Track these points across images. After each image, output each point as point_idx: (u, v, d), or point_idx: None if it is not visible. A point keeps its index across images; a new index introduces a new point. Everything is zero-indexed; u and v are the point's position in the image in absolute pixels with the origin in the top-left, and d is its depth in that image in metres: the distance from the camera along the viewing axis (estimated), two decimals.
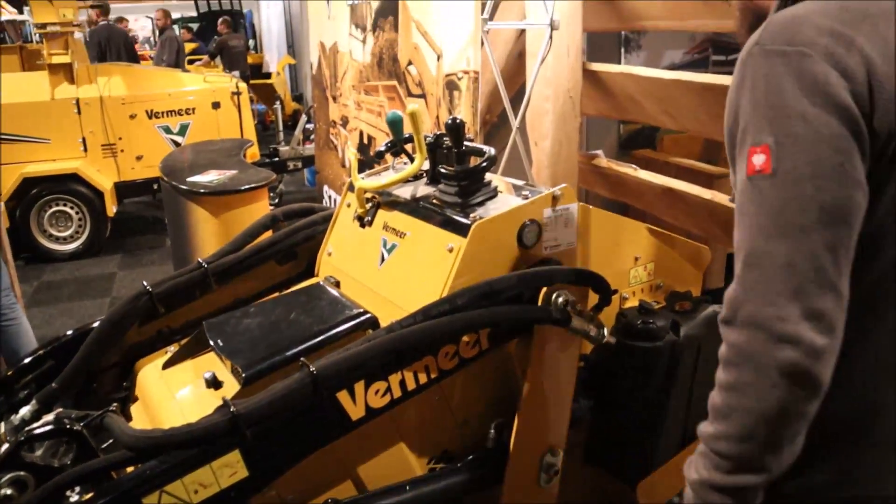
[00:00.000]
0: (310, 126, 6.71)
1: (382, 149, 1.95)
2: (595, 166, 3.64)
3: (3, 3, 10.59)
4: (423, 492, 1.51)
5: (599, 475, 1.92)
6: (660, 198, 3.32)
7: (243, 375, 1.45)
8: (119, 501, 1.20)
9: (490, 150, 1.69)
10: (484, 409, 1.65)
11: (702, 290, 2.08)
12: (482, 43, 3.15)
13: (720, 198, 2.95)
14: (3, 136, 5.56)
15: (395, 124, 1.81)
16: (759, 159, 0.95)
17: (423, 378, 1.45)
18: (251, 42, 14.86)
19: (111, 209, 5.96)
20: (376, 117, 4.78)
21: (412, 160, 1.78)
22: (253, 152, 6.40)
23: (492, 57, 3.21)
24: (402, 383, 1.43)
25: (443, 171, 1.70)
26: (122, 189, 6.13)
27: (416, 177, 1.85)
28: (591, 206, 1.74)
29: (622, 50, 5.23)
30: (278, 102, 8.18)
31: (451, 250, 1.56)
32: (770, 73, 0.97)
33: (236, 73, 9.67)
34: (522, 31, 3.43)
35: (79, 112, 5.86)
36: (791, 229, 0.92)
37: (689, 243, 1.99)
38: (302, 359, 1.36)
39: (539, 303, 1.53)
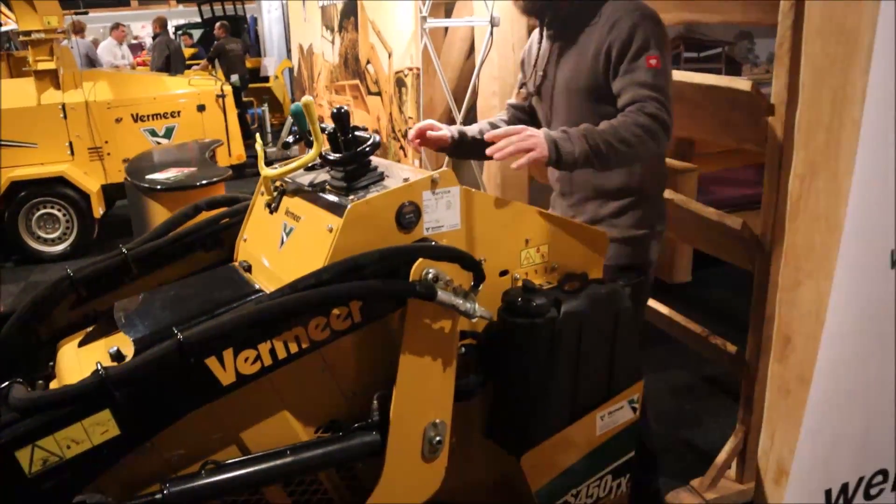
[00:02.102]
0: (295, 128, 6.84)
1: (290, 140, 2.06)
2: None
3: (6, 12, 10.80)
4: (302, 457, 1.61)
5: (500, 449, 2.01)
6: None
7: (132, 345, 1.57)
8: None
9: (375, 137, 1.81)
10: (372, 382, 1.75)
11: (662, 281, 2.18)
12: (422, 39, 3.26)
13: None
14: None
15: (298, 116, 1.92)
16: (654, 62, 1.97)
17: (293, 347, 1.56)
18: (254, 46, 15.06)
19: (98, 211, 6.12)
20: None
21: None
22: (239, 154, 6.57)
23: (433, 52, 3.33)
24: (272, 352, 1.54)
25: (329, 157, 1.81)
26: (110, 191, 6.30)
27: (317, 165, 1.96)
28: (476, 191, 1.84)
29: None
30: (265, 105, 8.33)
31: (330, 230, 1.67)
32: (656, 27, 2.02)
33: (234, 76, 9.87)
34: None
35: (65, 117, 6.04)
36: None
37: (585, 227, 2.08)
38: (174, 328, 1.47)
39: (410, 278, 1.63)
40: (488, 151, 1.88)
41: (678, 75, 2.77)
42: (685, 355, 3.52)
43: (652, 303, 3.22)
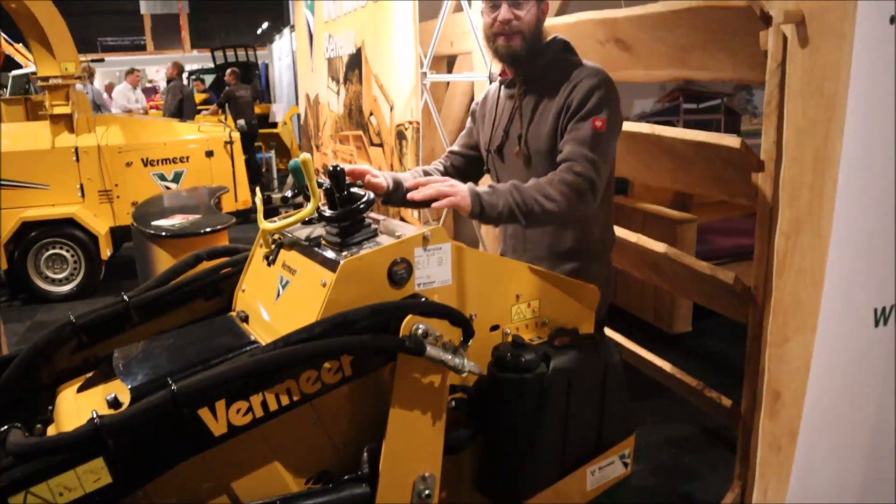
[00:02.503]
0: (288, 194, 6.95)
1: (289, 194, 2.12)
2: None
3: (28, 55, 11.07)
4: None
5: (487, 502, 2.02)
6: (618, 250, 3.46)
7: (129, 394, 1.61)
8: None
9: (369, 195, 1.86)
10: (362, 434, 1.78)
11: (662, 331, 2.20)
12: (422, 94, 3.35)
13: (647, 242, 3.09)
14: (4, 183, 5.86)
15: (296, 171, 1.98)
16: (599, 124, 2.02)
17: (284, 400, 1.59)
18: (264, 93, 15.34)
19: (105, 252, 6.20)
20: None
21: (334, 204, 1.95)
22: (245, 199, 6.67)
23: (433, 107, 3.41)
24: (264, 404, 1.57)
25: (324, 213, 1.87)
26: (118, 233, 6.39)
27: (314, 219, 2.02)
28: (466, 247, 1.89)
29: None
30: (272, 151, 8.46)
31: (323, 285, 1.71)
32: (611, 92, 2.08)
33: (241, 121, 10.04)
34: None
35: (77, 160, 6.16)
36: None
37: (575, 283, 2.12)
38: (169, 379, 1.51)
39: (400, 333, 1.67)
40: (410, 195, 1.95)
41: (670, 131, 2.84)
42: (685, 406, 3.52)
43: (648, 355, 3.25)
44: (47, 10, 5.84)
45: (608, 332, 3.55)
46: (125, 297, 2.12)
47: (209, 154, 6.52)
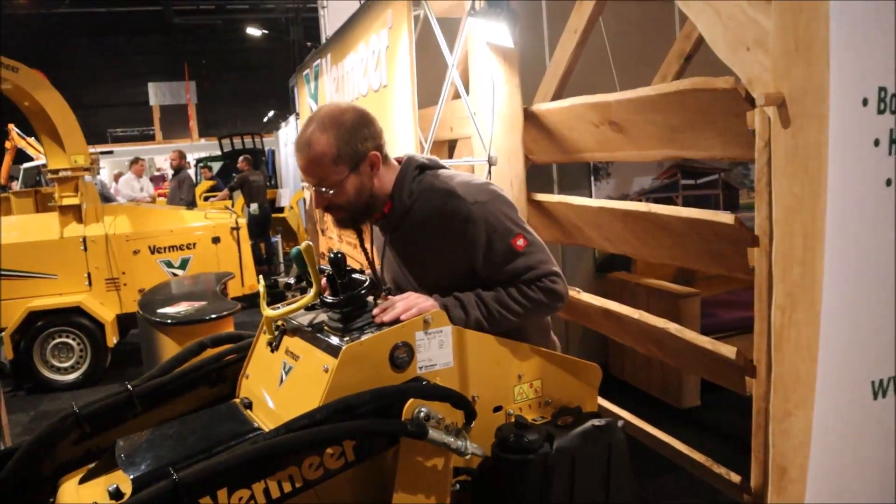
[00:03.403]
0: (291, 280, 7.05)
1: (291, 281, 2.16)
2: None
3: (39, 148, 11.35)
4: None
5: None
6: (602, 317, 3.49)
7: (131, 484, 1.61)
8: None
9: (369, 279, 1.90)
10: None
11: (670, 406, 2.19)
12: None
13: (649, 318, 3.10)
14: (12, 273, 5.94)
15: (298, 259, 2.03)
16: (521, 242, 1.95)
17: (287, 487, 1.59)
18: (271, 178, 15.63)
19: (112, 340, 6.22)
20: (353, 249, 5.06)
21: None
22: (252, 284, 6.72)
23: None
24: (266, 491, 1.57)
25: (327, 300, 1.90)
26: (124, 320, 6.43)
27: (317, 305, 2.05)
28: (469, 329, 1.91)
29: (591, 178, 5.54)
30: (279, 235, 8.58)
31: (326, 370, 1.74)
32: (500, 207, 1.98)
33: (254, 205, 10.23)
34: None
35: (85, 249, 6.25)
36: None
37: (577, 361, 2.13)
38: (170, 468, 1.52)
39: (402, 417, 1.68)
40: (377, 318, 1.85)
41: (666, 209, 2.90)
42: (693, 482, 3.46)
43: (655, 431, 3.22)
44: (58, 105, 6.04)
45: (613, 408, 3.53)
46: (129, 386, 2.14)
47: (216, 240, 6.62)
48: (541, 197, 3.71)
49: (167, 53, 28.02)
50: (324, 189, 1.94)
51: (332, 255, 1.91)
